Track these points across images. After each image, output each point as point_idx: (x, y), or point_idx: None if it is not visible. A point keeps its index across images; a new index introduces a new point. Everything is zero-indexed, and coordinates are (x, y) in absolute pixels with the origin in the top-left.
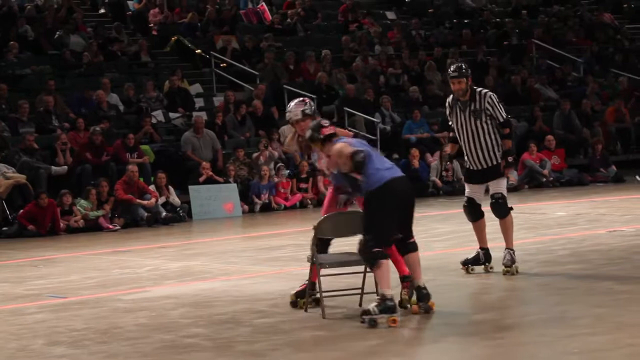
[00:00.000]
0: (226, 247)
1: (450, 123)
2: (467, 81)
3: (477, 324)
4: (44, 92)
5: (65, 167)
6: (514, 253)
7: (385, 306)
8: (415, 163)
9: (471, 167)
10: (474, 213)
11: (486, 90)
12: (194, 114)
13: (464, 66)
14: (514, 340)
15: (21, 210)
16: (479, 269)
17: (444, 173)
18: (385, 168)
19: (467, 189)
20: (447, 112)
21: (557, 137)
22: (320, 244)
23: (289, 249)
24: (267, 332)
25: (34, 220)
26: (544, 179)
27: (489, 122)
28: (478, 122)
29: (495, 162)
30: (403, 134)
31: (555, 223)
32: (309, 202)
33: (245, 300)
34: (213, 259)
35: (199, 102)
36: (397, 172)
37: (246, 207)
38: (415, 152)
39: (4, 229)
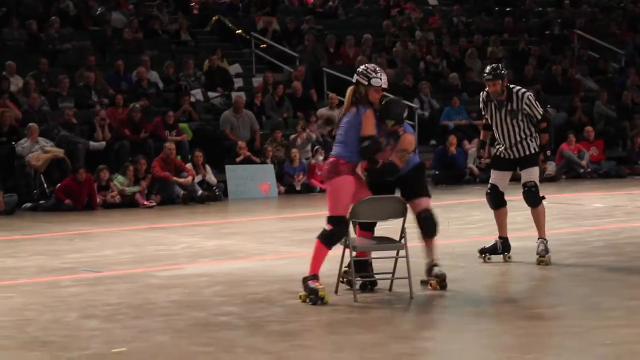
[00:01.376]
0: (261, 227)
1: (483, 113)
2: (502, 82)
3: (508, 312)
4: (84, 67)
5: (104, 142)
6: (547, 243)
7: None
8: (453, 150)
9: (502, 155)
10: (496, 200)
11: (524, 90)
12: (233, 94)
13: (499, 67)
14: (545, 330)
15: (58, 185)
16: (497, 258)
17: (478, 161)
18: None
19: (493, 175)
20: (481, 106)
21: (595, 127)
22: (365, 226)
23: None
24: (299, 312)
25: (70, 195)
26: (582, 170)
27: (525, 120)
28: (515, 121)
29: (528, 152)
30: (441, 120)
31: (592, 214)
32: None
33: (278, 281)
34: (248, 239)
35: (238, 82)
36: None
37: (282, 188)
38: (452, 139)
39: (42, 202)
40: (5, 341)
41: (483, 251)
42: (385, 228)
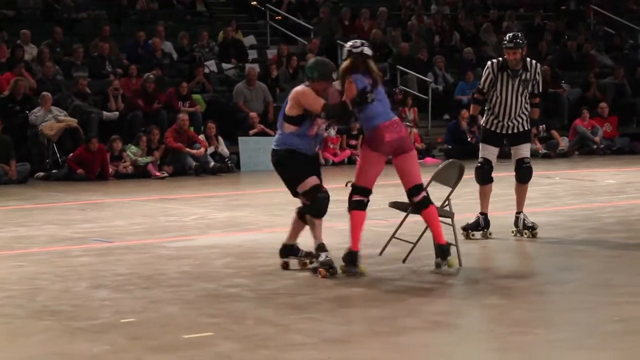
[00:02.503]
0: (273, 200)
1: (480, 87)
2: (522, 51)
3: (519, 288)
4: (98, 37)
5: (117, 112)
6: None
7: (324, 260)
8: (464, 124)
9: (496, 130)
10: (487, 176)
11: (535, 61)
12: (247, 65)
13: (519, 35)
14: (555, 306)
15: (71, 154)
16: (478, 234)
17: (469, 136)
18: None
19: (484, 150)
20: (487, 77)
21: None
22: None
23: (335, 205)
24: (309, 285)
25: (83, 165)
26: (595, 146)
27: (528, 90)
28: (525, 91)
29: (522, 129)
30: (455, 94)
31: (605, 190)
32: (358, 158)
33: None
34: (259, 211)
35: (252, 54)
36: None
37: None
38: (465, 113)
39: (54, 171)
40: (16, 310)
41: (467, 228)
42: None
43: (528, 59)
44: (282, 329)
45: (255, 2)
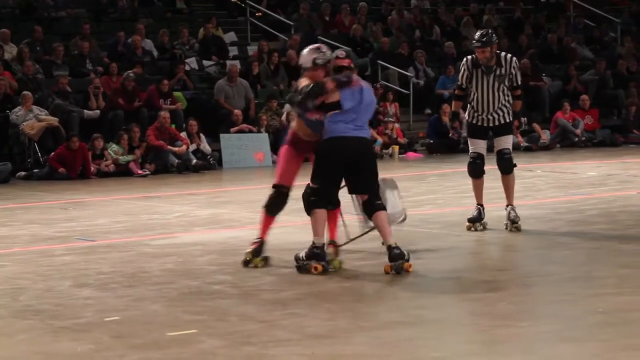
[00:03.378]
0: (255, 196)
1: (459, 83)
2: (491, 49)
3: (503, 281)
4: (78, 35)
5: (98, 111)
6: (515, 209)
7: (312, 253)
8: (446, 119)
9: (479, 124)
10: (479, 170)
11: (510, 55)
12: (228, 62)
13: (488, 33)
14: (539, 299)
15: (52, 153)
16: (493, 226)
17: (450, 132)
18: (345, 121)
19: (473, 145)
20: (463, 73)
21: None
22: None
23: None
24: (292, 281)
25: (64, 163)
26: (577, 139)
27: (505, 88)
28: (501, 86)
29: (504, 121)
30: (436, 89)
31: (586, 183)
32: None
33: (271, 250)
34: (242, 208)
35: (233, 51)
36: (354, 132)
37: (276, 157)
38: (446, 107)
39: (35, 171)
40: None
41: (472, 220)
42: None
43: (503, 54)
44: (266, 325)
45: None
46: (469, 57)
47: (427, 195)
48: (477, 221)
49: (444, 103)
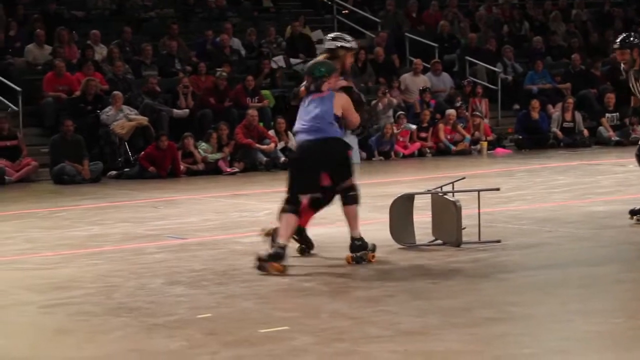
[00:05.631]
0: None
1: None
2: (631, 52)
3: (595, 277)
4: (167, 35)
5: (187, 110)
6: None
7: (275, 253)
8: (535, 114)
9: None
10: None
11: None
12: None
13: (631, 35)
14: (633, 294)
15: (142, 152)
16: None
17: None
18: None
19: None
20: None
21: None
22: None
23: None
24: (383, 279)
25: (154, 162)
26: None
27: None
28: None
29: None
30: (525, 84)
31: None
32: (428, 150)
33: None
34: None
35: (320, 49)
36: (306, 136)
37: (364, 154)
38: (535, 103)
39: (126, 170)
40: (93, 307)
41: (633, 212)
42: None
43: None
44: (357, 321)
45: None
46: None
47: (517, 192)
48: (637, 214)
49: (533, 98)
